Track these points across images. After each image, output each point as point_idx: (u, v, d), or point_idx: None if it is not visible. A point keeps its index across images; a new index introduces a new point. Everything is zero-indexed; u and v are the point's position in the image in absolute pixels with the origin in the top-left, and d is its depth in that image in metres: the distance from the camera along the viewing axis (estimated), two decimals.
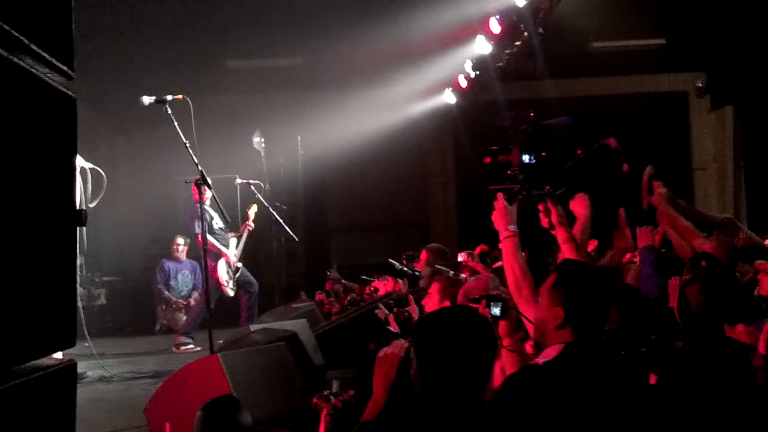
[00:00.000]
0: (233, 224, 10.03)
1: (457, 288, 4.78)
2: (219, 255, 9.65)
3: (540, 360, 3.07)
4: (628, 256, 6.78)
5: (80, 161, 6.74)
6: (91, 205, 6.49)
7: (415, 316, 5.11)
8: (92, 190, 6.48)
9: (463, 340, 2.62)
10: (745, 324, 4.76)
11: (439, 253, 8.08)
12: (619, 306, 4.11)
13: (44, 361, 2.03)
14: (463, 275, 6.70)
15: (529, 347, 3.65)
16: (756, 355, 4.39)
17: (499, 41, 10.91)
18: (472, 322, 2.71)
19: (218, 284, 9.52)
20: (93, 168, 6.55)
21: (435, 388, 2.60)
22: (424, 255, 8.07)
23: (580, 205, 4.96)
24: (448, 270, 6.68)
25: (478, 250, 8.15)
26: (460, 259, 7.63)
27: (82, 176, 6.69)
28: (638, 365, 3.25)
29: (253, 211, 10.13)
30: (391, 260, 7.45)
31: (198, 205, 7.61)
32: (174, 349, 9.47)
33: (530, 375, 3.00)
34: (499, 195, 4.17)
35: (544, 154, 4.44)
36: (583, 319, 3.06)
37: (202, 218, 6.61)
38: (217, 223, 9.76)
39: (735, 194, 13.20)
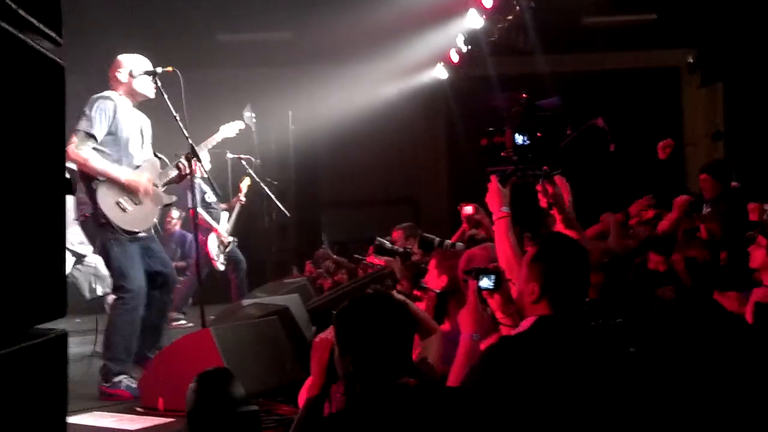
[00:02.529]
0: (224, 198, 10.01)
1: (452, 260, 4.77)
2: (210, 229, 9.62)
3: (513, 332, 3.10)
4: None
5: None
6: (161, 189, 6.54)
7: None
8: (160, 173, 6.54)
9: (377, 326, 2.73)
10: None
11: (410, 230, 8.10)
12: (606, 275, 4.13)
13: (34, 330, 2.00)
14: (449, 242, 6.68)
15: None
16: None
17: (491, 15, 10.87)
18: (385, 308, 2.80)
19: (208, 258, 9.48)
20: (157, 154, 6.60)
21: (354, 369, 2.72)
22: (396, 235, 8.06)
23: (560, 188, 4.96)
24: (434, 237, 6.66)
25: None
26: (468, 211, 7.51)
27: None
28: (611, 337, 3.26)
29: (245, 184, 10.10)
30: (380, 239, 7.40)
31: (191, 178, 7.61)
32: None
33: (502, 346, 3.04)
34: (493, 177, 4.18)
35: (539, 134, 4.45)
36: (560, 292, 3.08)
37: (193, 192, 6.57)
38: (210, 197, 9.73)
39: None
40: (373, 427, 2.57)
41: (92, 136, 5.97)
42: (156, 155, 6.57)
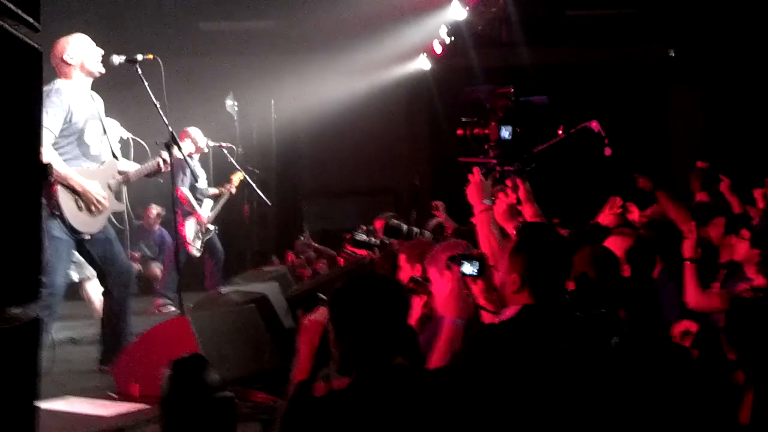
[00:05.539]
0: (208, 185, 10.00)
1: (421, 248, 4.80)
2: (191, 213, 9.56)
3: (497, 320, 3.13)
4: None
5: (120, 131, 6.67)
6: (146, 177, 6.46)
7: None
8: (134, 159, 6.45)
9: (373, 307, 2.74)
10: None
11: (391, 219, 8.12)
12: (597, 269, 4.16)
13: (6, 314, 2.00)
14: (417, 229, 6.68)
15: None
16: (717, 311, 4.50)
17: (474, 7, 10.88)
18: (381, 289, 2.81)
19: (183, 242, 9.38)
20: (133, 138, 6.50)
21: (350, 353, 2.73)
22: (379, 224, 8.09)
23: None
24: (401, 225, 6.65)
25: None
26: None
27: (122, 146, 6.60)
28: (593, 327, 3.29)
29: (237, 177, 10.02)
30: (356, 232, 7.38)
31: (184, 158, 7.68)
32: (156, 310, 9.43)
33: (486, 334, 3.06)
34: (475, 169, 4.19)
35: (519, 130, 4.46)
36: (542, 281, 3.10)
37: (185, 172, 6.54)
38: (202, 182, 9.69)
39: None
40: (370, 408, 2.59)
41: (50, 132, 5.73)
42: (135, 138, 6.49)
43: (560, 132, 6.39)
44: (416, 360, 2.96)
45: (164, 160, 6.39)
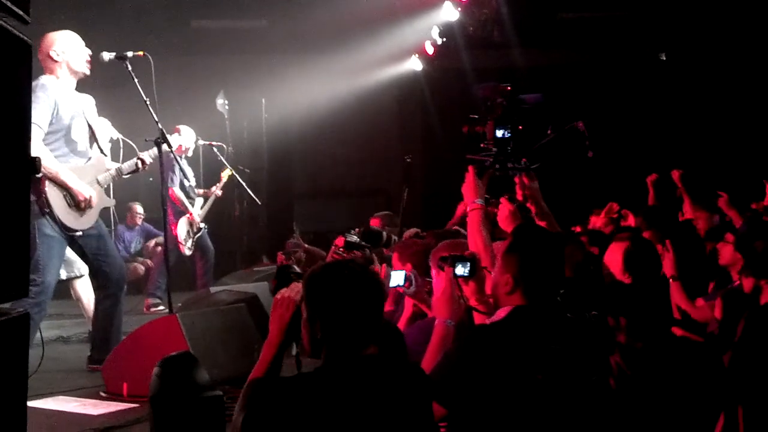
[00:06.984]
0: (197, 184, 9.96)
1: (413, 248, 4.79)
2: (183, 212, 9.52)
3: (488, 321, 3.12)
4: None
5: (111, 131, 6.61)
6: (125, 176, 6.39)
7: None
8: (123, 159, 6.41)
9: (350, 294, 2.69)
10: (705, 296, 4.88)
11: (387, 218, 8.10)
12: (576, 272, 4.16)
13: None
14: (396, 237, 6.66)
15: None
16: (711, 320, 4.48)
17: (466, 8, 10.90)
18: (358, 277, 2.75)
19: (176, 242, 9.35)
20: (123, 139, 6.46)
21: (322, 336, 2.68)
22: (375, 223, 8.06)
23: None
24: (383, 232, 6.62)
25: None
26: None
27: (112, 145, 6.56)
28: (584, 328, 3.28)
29: (225, 174, 9.96)
30: (347, 235, 7.33)
31: (174, 157, 7.67)
32: (144, 310, 9.40)
33: (477, 335, 3.05)
34: (470, 167, 4.19)
35: (520, 128, 4.46)
36: (535, 283, 3.09)
37: (174, 171, 6.51)
38: (189, 180, 9.66)
39: None
40: (334, 395, 2.56)
41: (39, 127, 5.63)
42: (124, 139, 6.48)
43: (549, 132, 6.41)
44: (397, 354, 2.94)
45: (142, 161, 6.35)
